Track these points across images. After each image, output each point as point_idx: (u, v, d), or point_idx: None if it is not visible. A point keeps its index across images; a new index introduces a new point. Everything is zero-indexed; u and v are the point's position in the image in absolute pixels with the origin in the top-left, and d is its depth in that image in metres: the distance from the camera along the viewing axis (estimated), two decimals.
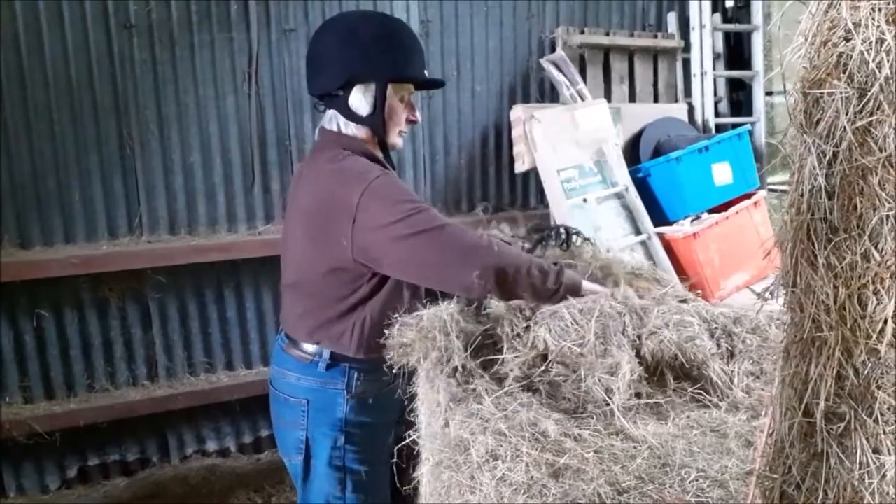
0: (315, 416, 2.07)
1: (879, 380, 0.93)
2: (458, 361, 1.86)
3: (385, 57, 2.02)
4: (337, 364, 2.06)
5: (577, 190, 3.69)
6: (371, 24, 2.08)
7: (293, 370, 2.10)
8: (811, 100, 0.95)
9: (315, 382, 2.07)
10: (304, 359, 2.08)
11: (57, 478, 3.45)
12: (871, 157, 0.88)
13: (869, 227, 0.90)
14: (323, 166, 2.03)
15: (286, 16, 3.61)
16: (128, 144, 3.36)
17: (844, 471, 0.97)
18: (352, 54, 2.00)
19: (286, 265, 2.18)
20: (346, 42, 2.01)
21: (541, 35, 4.25)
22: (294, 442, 2.12)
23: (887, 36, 0.87)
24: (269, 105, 3.63)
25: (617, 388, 1.78)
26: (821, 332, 0.97)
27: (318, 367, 2.06)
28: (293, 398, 2.10)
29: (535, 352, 1.90)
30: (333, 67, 2.02)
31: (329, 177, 1.99)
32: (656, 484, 1.46)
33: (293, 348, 2.11)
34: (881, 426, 0.93)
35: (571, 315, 1.92)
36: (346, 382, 2.06)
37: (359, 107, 2.04)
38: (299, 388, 2.09)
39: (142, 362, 3.55)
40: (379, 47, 2.02)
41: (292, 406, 2.10)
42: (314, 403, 2.07)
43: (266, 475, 3.68)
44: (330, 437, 2.07)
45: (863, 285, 0.92)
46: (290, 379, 2.11)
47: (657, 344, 1.91)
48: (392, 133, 2.12)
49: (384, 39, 2.03)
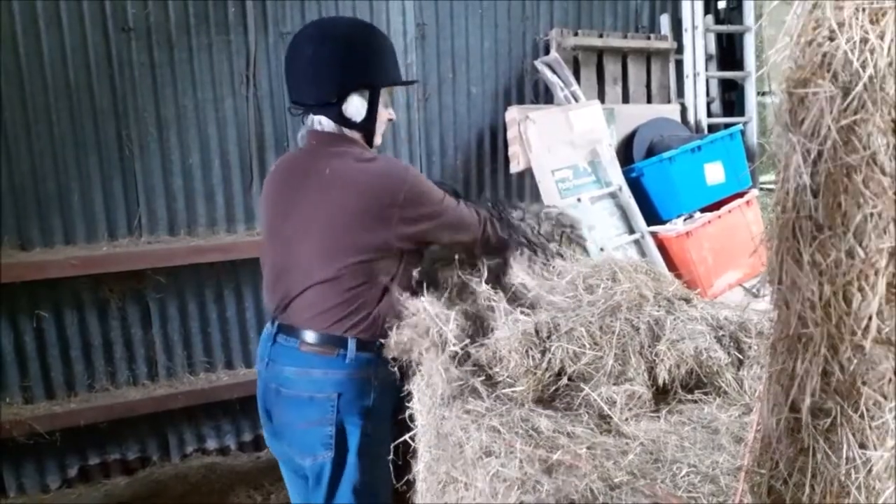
0: (346, 408, 2.06)
1: (865, 375, 0.93)
2: (453, 347, 1.91)
3: (380, 64, 2.11)
4: (364, 352, 2.06)
5: (572, 190, 3.71)
6: (359, 32, 2.14)
7: (319, 366, 2.07)
8: (796, 99, 0.96)
9: (344, 374, 2.06)
10: (328, 353, 2.06)
11: (57, 477, 3.46)
12: (856, 156, 0.90)
13: (853, 224, 0.91)
14: (351, 165, 2.07)
15: (283, 18, 3.62)
16: (127, 146, 3.38)
17: (831, 466, 0.97)
18: (351, 64, 2.06)
19: (295, 264, 2.14)
20: (344, 52, 2.05)
21: (535, 37, 4.27)
22: (321, 439, 2.08)
23: (871, 35, 0.88)
24: (267, 107, 3.65)
25: (622, 405, 1.81)
26: (807, 329, 0.98)
27: (345, 358, 2.05)
28: (320, 394, 2.07)
29: (550, 373, 1.92)
30: (332, 77, 2.06)
31: (365, 175, 2.06)
32: (648, 479, 1.48)
33: (312, 345, 2.08)
34: (867, 421, 0.94)
35: (590, 334, 1.95)
36: (373, 370, 2.07)
37: (354, 114, 2.10)
38: (327, 383, 2.06)
39: (142, 362, 3.56)
40: (374, 55, 2.09)
41: (319, 402, 2.07)
42: (345, 395, 2.06)
43: (266, 473, 3.68)
44: (359, 427, 2.07)
45: (848, 282, 0.93)
46: (314, 375, 2.08)
47: (675, 360, 1.93)
48: (379, 134, 2.22)
49: (375, 47, 2.11)
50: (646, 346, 1.96)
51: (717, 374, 1.96)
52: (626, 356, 1.92)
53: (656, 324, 2.01)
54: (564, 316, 2.02)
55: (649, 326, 2.00)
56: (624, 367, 1.91)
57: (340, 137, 2.13)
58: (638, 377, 1.89)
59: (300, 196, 2.13)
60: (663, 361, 1.93)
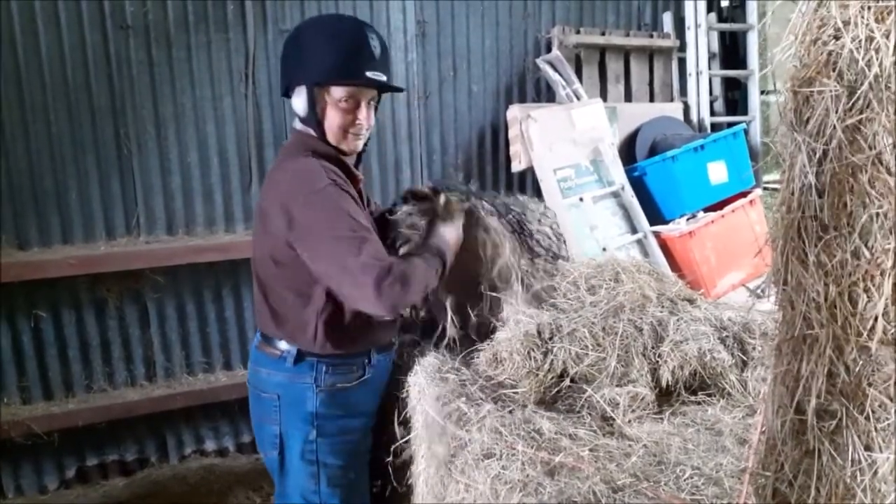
0: (286, 410, 2.08)
1: (871, 377, 0.93)
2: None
3: (310, 61, 2.00)
4: (304, 358, 2.06)
5: (574, 189, 3.70)
6: (315, 27, 2.09)
7: (264, 366, 2.12)
8: (801, 98, 0.95)
9: (284, 377, 2.08)
10: (273, 354, 2.09)
11: (55, 478, 3.45)
12: (861, 155, 0.89)
13: (859, 224, 0.90)
14: (281, 163, 2.07)
15: (282, 16, 3.61)
16: (125, 145, 3.36)
17: (836, 468, 0.97)
18: (290, 59, 2.05)
19: (252, 262, 2.20)
20: (290, 46, 2.06)
21: (537, 35, 4.26)
22: (269, 437, 2.12)
23: (876, 34, 0.87)
24: (266, 105, 3.64)
25: (625, 407, 1.80)
26: (812, 330, 0.97)
27: (286, 361, 2.06)
28: (264, 393, 2.12)
29: (552, 375, 1.92)
30: (282, 71, 2.09)
31: (280, 173, 2.03)
32: (651, 482, 1.47)
33: (265, 345, 2.13)
34: (873, 423, 0.93)
35: (592, 335, 1.94)
36: (314, 376, 2.06)
37: (298, 109, 2.07)
38: (270, 383, 2.10)
39: (140, 362, 3.55)
40: (313, 51, 2.00)
41: (265, 401, 2.11)
42: (284, 398, 2.08)
43: (264, 474, 3.63)
44: (302, 432, 2.08)
45: (853, 283, 0.92)
46: (262, 374, 2.13)
47: (679, 362, 1.92)
48: (332, 136, 2.05)
49: (322, 43, 2.00)
50: (649, 347, 1.95)
51: (721, 375, 1.95)
52: (629, 357, 1.92)
53: (659, 325, 2.00)
54: (567, 317, 2.01)
55: (652, 327, 1.99)
56: (627, 368, 1.91)
57: (304, 137, 2.10)
58: (641, 378, 1.89)
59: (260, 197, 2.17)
60: (666, 363, 1.92)
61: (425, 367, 2.06)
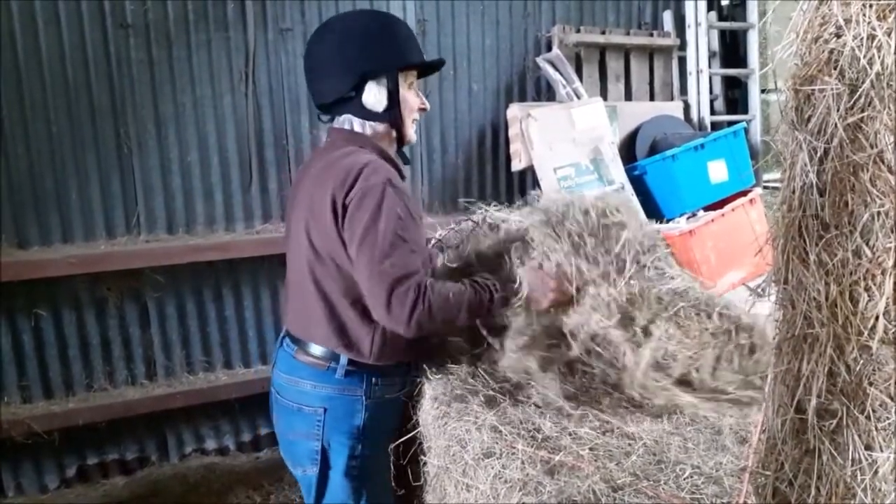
0: (332, 424, 1.98)
1: (871, 376, 0.93)
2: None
3: (387, 47, 2.00)
4: (355, 370, 1.97)
5: (574, 188, 3.70)
6: (364, 19, 2.06)
7: (308, 378, 2.00)
8: (802, 96, 0.95)
9: (333, 390, 1.98)
10: (319, 365, 1.99)
11: (56, 477, 3.45)
12: (863, 154, 0.88)
13: (860, 223, 0.90)
14: (336, 157, 1.97)
15: (283, 15, 3.60)
16: (125, 144, 3.36)
17: (837, 467, 0.97)
18: (357, 52, 1.98)
19: (292, 268, 2.09)
20: (348, 42, 1.98)
21: (537, 34, 4.25)
22: (307, 453, 2.02)
23: (878, 32, 0.87)
24: (267, 104, 3.63)
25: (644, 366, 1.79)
26: (812, 329, 0.97)
27: (335, 373, 1.96)
28: (308, 407, 2.00)
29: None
30: (341, 69, 1.99)
31: (336, 168, 1.93)
32: (651, 481, 1.47)
33: (305, 355, 2.01)
34: (873, 423, 0.93)
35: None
36: (364, 388, 1.98)
37: (374, 103, 2.02)
38: (315, 397, 1.99)
39: (140, 361, 3.54)
40: (380, 39, 1.99)
41: (307, 416, 2.00)
42: (332, 412, 1.98)
43: (265, 473, 3.68)
44: (347, 447, 1.99)
45: (854, 282, 0.92)
46: (304, 387, 2.00)
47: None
48: (408, 124, 2.10)
49: (382, 31, 2.01)
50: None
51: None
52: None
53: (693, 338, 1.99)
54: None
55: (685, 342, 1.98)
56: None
57: (357, 136, 2.05)
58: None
59: (299, 194, 2.08)
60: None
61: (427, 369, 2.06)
